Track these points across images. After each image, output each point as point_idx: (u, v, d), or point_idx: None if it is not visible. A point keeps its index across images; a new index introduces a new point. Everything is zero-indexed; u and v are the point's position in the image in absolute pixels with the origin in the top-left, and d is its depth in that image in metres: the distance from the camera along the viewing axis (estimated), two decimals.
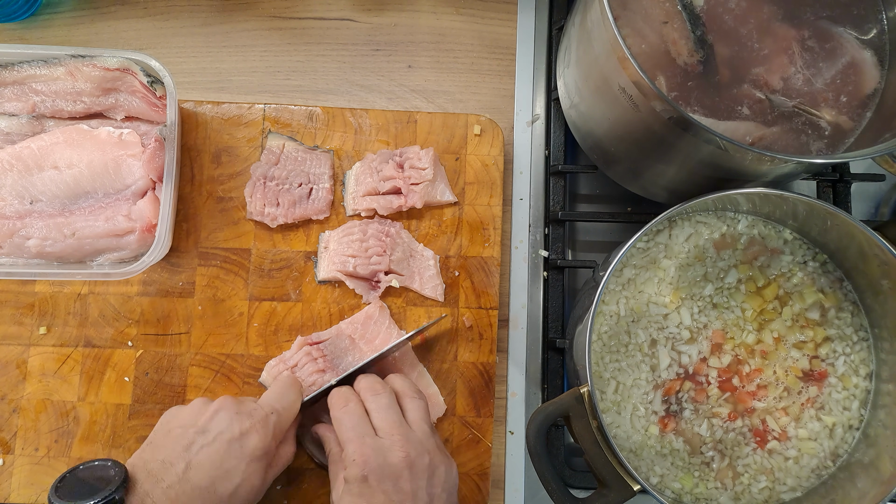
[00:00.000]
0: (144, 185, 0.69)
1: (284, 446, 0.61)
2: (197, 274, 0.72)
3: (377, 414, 0.60)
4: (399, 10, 0.81)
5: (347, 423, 0.59)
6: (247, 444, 0.57)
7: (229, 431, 0.57)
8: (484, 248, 0.73)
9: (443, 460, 0.59)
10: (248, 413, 0.59)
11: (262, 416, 0.59)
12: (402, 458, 0.56)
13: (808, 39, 0.59)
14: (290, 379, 0.64)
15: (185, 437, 0.57)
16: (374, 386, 0.62)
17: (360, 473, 0.55)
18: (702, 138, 0.51)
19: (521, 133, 0.78)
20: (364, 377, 0.64)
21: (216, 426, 0.57)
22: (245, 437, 0.57)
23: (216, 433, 0.57)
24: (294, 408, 0.62)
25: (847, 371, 0.61)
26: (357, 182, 0.73)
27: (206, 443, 0.56)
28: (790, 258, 0.63)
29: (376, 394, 0.61)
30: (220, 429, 0.57)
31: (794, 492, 0.60)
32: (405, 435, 0.58)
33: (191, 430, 0.57)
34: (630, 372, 0.60)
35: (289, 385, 0.63)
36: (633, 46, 0.57)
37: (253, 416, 0.58)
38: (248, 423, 0.58)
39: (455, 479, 0.60)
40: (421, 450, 0.58)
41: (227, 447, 0.56)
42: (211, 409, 0.59)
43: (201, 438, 0.56)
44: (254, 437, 0.57)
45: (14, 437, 0.69)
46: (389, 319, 0.71)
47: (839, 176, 0.74)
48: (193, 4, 0.80)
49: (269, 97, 0.78)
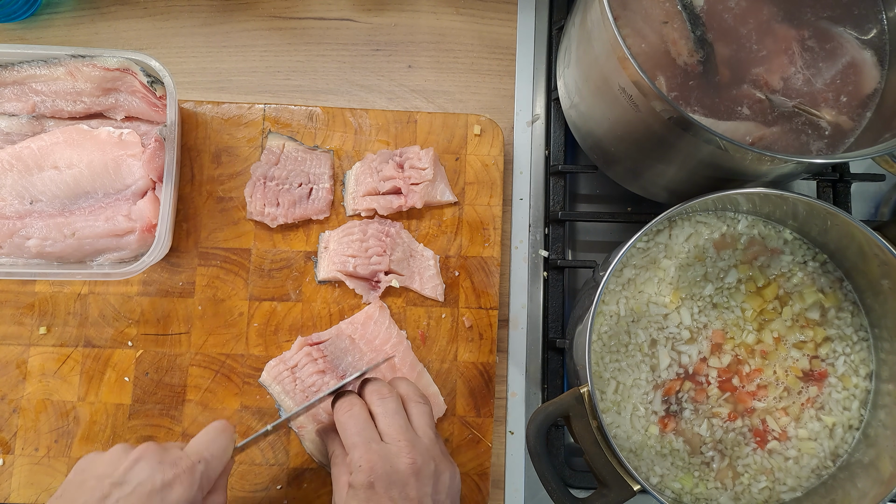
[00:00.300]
0: (144, 185, 0.69)
1: (213, 496, 0.57)
2: (197, 274, 0.72)
3: (384, 419, 0.58)
4: (399, 10, 0.81)
5: (352, 428, 0.58)
6: (169, 496, 0.52)
7: (150, 482, 0.52)
8: (484, 248, 0.73)
9: (447, 466, 0.58)
10: (173, 462, 0.54)
11: (188, 466, 0.54)
12: (408, 464, 0.55)
13: (808, 39, 0.59)
14: (221, 425, 0.59)
15: (99, 489, 0.52)
16: (381, 389, 0.61)
17: (366, 480, 0.54)
18: (702, 138, 0.51)
19: (521, 133, 0.78)
20: (371, 381, 0.62)
21: (135, 477, 0.52)
22: (167, 488, 0.52)
23: (135, 484, 0.52)
24: (224, 455, 0.57)
25: (847, 371, 0.61)
26: (357, 182, 0.73)
27: (122, 496, 0.51)
28: (790, 258, 0.63)
29: (383, 397, 0.60)
30: (140, 479, 0.52)
31: (794, 492, 0.60)
32: (411, 440, 0.57)
33: (107, 482, 0.52)
34: (630, 372, 0.60)
35: (219, 431, 0.58)
36: (633, 46, 0.57)
37: (177, 466, 0.54)
38: (172, 473, 0.53)
39: (458, 485, 0.59)
40: (427, 456, 0.57)
41: (146, 500, 0.51)
42: (131, 457, 0.54)
43: (118, 491, 0.52)
44: (177, 489, 0.52)
45: (14, 437, 0.69)
46: (389, 319, 0.71)
47: (839, 176, 0.74)
48: (193, 4, 0.80)
49: (269, 97, 0.78)
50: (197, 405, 0.70)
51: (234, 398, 0.70)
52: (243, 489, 0.68)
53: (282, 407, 0.69)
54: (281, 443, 0.69)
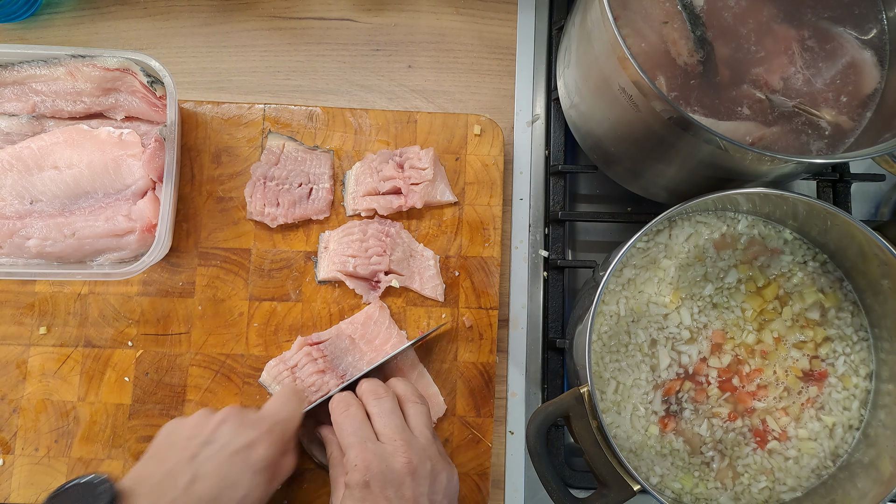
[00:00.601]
0: (144, 185, 0.69)
1: (286, 457, 0.60)
2: (197, 274, 0.72)
3: (379, 419, 0.59)
4: (399, 10, 0.81)
5: (349, 428, 0.58)
6: (252, 455, 0.56)
7: (235, 442, 0.56)
8: (484, 248, 0.73)
9: (444, 467, 0.59)
10: (253, 424, 0.58)
11: (268, 427, 0.58)
12: (404, 463, 0.56)
13: (808, 39, 0.59)
14: (292, 388, 0.63)
15: (189, 449, 0.56)
16: (377, 389, 0.61)
17: (361, 479, 0.55)
18: (702, 138, 0.51)
19: (521, 133, 0.78)
20: (367, 380, 0.63)
21: (221, 437, 0.57)
22: (251, 448, 0.56)
23: (222, 444, 0.56)
24: (297, 417, 0.61)
25: (847, 371, 0.61)
26: (357, 182, 0.73)
27: (211, 454, 0.55)
28: (790, 258, 0.63)
29: (379, 397, 0.61)
30: (226, 440, 0.56)
31: (794, 492, 0.60)
32: (407, 440, 0.57)
33: (195, 441, 0.56)
34: (630, 372, 0.60)
35: (291, 394, 0.62)
36: (633, 46, 0.57)
37: (258, 427, 0.58)
38: (254, 433, 0.57)
39: (456, 486, 0.60)
40: (423, 456, 0.57)
41: (232, 458, 0.55)
42: (215, 419, 0.58)
43: (207, 450, 0.56)
44: (259, 449, 0.56)
45: (14, 437, 0.69)
46: (389, 320, 0.71)
47: (839, 176, 0.74)
48: (193, 4, 0.80)
49: (269, 97, 0.78)
50: (197, 405, 0.70)
51: (234, 398, 0.70)
52: None
53: None
54: None
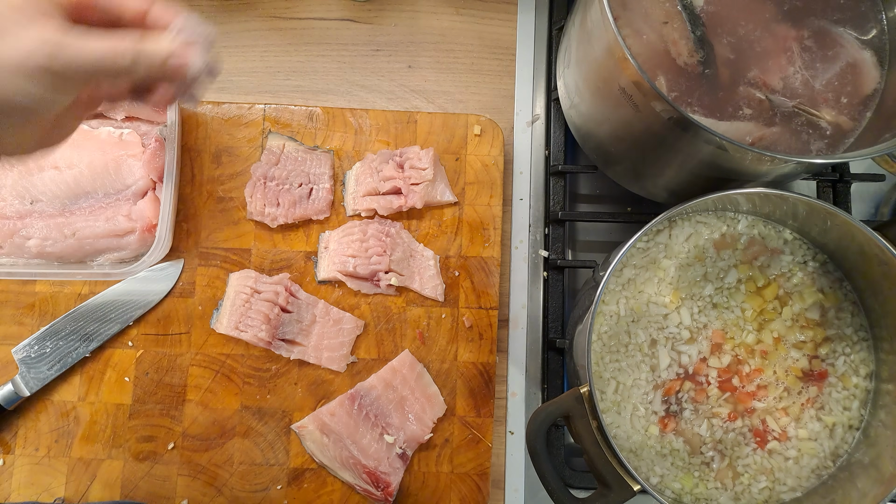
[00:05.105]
0: (145, 185, 0.69)
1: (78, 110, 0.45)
2: (197, 274, 0.72)
3: None
4: (399, 10, 0.81)
5: None
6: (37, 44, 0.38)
7: None
8: (484, 248, 0.73)
9: None
10: None
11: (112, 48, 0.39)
12: None
13: (808, 39, 0.59)
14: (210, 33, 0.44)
15: None
16: None
17: None
18: (702, 138, 0.51)
19: (521, 133, 0.78)
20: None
21: None
22: None
23: None
24: None
25: (847, 371, 0.61)
26: (357, 182, 0.73)
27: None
28: (790, 258, 0.63)
29: None
30: None
31: (794, 492, 0.60)
32: None
33: None
34: (630, 372, 0.60)
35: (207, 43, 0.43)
36: (633, 46, 0.57)
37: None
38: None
39: None
40: None
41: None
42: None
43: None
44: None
45: (14, 437, 0.69)
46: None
47: (839, 176, 0.74)
48: (193, 4, 0.80)
49: (269, 97, 0.78)
50: (197, 405, 0.70)
51: (235, 398, 0.70)
52: (243, 489, 0.68)
53: None
54: (281, 443, 0.69)
